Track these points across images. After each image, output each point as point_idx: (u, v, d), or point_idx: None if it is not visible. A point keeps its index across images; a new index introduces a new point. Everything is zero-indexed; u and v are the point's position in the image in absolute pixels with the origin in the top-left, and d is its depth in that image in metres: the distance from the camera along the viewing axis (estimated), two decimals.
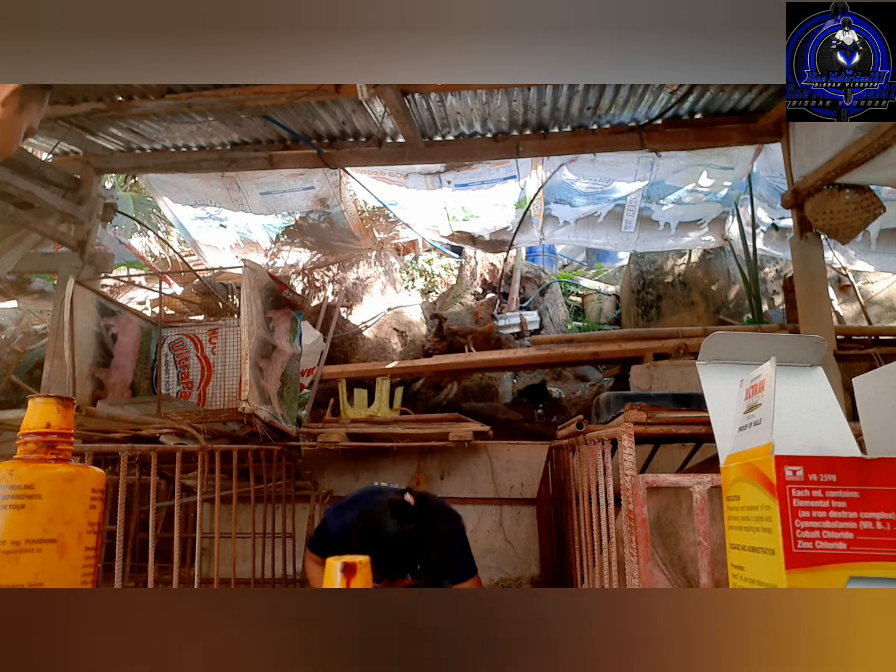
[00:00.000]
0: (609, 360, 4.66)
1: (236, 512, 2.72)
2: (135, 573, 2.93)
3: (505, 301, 6.27)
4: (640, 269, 6.06)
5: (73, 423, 1.07)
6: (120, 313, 3.22)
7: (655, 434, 1.64)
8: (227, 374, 3.48)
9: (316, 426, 3.37)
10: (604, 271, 8.09)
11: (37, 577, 0.94)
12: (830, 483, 0.65)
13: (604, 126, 3.98)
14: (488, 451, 3.63)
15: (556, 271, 7.81)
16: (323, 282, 5.91)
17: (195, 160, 4.23)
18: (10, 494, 0.94)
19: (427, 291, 7.11)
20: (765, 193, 4.50)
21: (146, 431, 2.56)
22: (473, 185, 4.55)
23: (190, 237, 5.28)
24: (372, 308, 5.86)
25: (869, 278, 5.80)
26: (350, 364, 5.17)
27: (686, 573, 1.57)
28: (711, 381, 0.92)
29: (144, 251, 7.07)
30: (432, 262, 7.48)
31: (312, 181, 4.61)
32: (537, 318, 6.09)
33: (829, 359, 3.26)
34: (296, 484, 3.42)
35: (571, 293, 7.37)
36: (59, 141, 3.95)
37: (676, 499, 1.66)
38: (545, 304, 6.46)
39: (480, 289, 6.60)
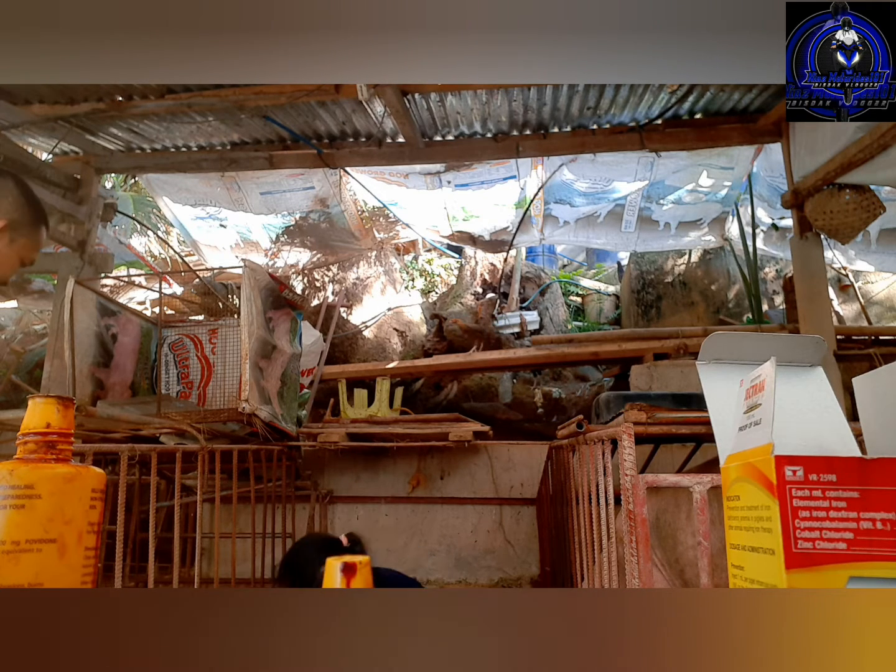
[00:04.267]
0: (609, 360, 4.66)
1: (236, 512, 2.72)
2: (135, 573, 2.93)
3: (505, 301, 6.27)
4: (640, 269, 6.06)
5: (73, 423, 1.07)
6: (120, 313, 3.22)
7: (655, 434, 1.64)
8: (227, 374, 3.48)
9: (316, 426, 3.37)
10: (604, 271, 8.09)
11: (37, 577, 0.94)
12: (830, 483, 0.65)
13: (604, 126, 3.98)
14: (488, 451, 3.63)
15: (556, 271, 7.81)
16: (323, 282, 5.91)
17: (195, 160, 4.23)
18: (10, 494, 0.94)
19: (427, 291, 7.11)
20: (765, 193, 4.50)
21: (146, 431, 2.56)
22: (473, 185, 4.55)
23: (190, 237, 5.28)
24: (372, 308, 5.86)
25: (869, 278, 5.80)
26: (350, 364, 5.17)
27: (684, 576, 1.57)
28: (711, 381, 0.92)
29: (144, 251, 7.07)
30: (432, 262, 7.48)
31: (312, 181, 4.61)
32: (537, 318, 6.08)
33: (829, 359, 3.26)
34: (296, 484, 3.42)
35: (571, 293, 7.36)
36: (59, 141, 3.95)
37: (675, 501, 1.66)
38: (545, 304, 6.45)
39: (480, 289, 6.60)
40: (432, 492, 3.59)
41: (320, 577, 1.82)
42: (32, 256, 1.70)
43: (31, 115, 3.63)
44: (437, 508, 3.57)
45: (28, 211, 1.64)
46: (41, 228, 1.70)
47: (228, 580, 2.71)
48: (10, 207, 1.59)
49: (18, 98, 3.56)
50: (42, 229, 1.71)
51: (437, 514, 3.57)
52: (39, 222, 1.69)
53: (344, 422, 3.46)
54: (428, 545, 3.53)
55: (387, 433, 3.31)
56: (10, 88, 3.43)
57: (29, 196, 1.66)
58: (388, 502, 3.60)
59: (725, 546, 0.79)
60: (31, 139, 4.02)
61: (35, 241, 1.68)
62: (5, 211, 1.58)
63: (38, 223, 1.69)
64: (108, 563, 1.90)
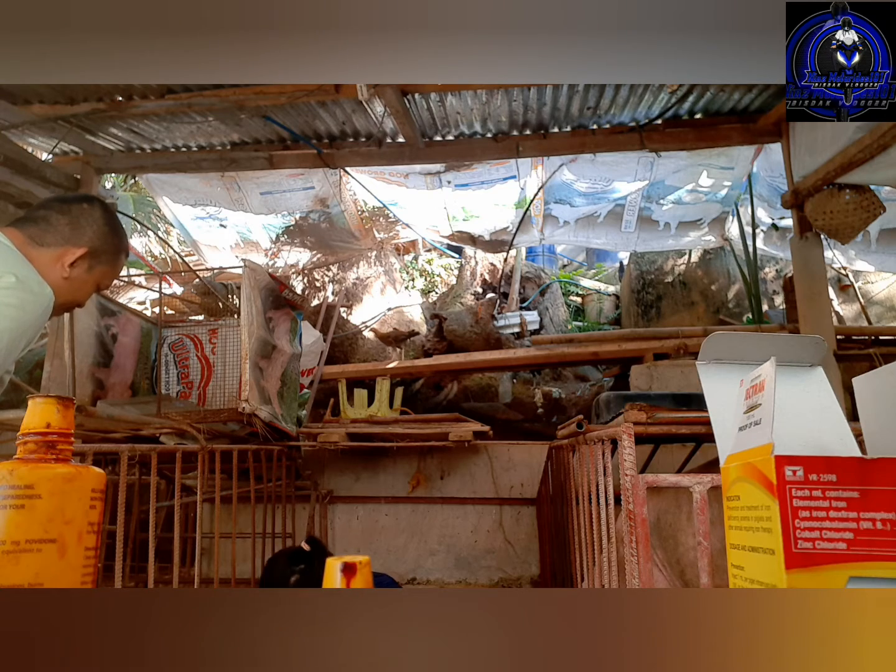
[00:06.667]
0: (609, 360, 4.66)
1: (236, 512, 2.72)
2: (135, 573, 2.92)
3: (505, 301, 6.27)
4: (640, 269, 6.06)
5: (73, 423, 1.07)
6: (120, 313, 3.22)
7: (655, 434, 1.64)
8: (227, 374, 3.48)
9: (316, 426, 3.37)
10: (604, 271, 8.09)
11: (37, 577, 0.94)
12: (830, 483, 0.65)
13: (604, 126, 3.98)
14: (488, 451, 3.63)
15: (556, 271, 7.81)
16: (323, 282, 5.91)
17: (195, 160, 4.23)
18: (10, 494, 0.94)
19: (427, 291, 7.11)
20: (765, 193, 4.50)
21: (146, 431, 2.56)
22: (473, 185, 4.55)
23: (190, 237, 5.27)
24: (372, 308, 5.86)
25: (869, 278, 5.80)
26: (350, 364, 5.17)
27: (684, 577, 1.57)
28: (711, 381, 0.92)
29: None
30: (432, 262, 7.48)
31: (312, 181, 4.61)
32: (537, 318, 6.09)
33: (829, 359, 3.26)
34: (296, 484, 3.42)
35: (571, 293, 7.37)
36: (59, 141, 3.94)
37: (676, 502, 1.66)
38: (545, 304, 6.45)
39: (480, 289, 6.60)
40: (432, 492, 3.59)
41: (294, 584, 1.97)
42: (108, 283, 1.71)
43: (31, 115, 3.63)
44: (437, 508, 3.57)
45: (111, 240, 1.64)
46: (121, 256, 1.70)
47: (228, 580, 2.71)
48: (94, 236, 1.59)
49: (18, 98, 3.55)
50: (122, 257, 1.71)
51: (437, 514, 3.57)
52: (120, 251, 1.69)
53: (344, 422, 3.46)
54: (428, 545, 3.53)
55: (387, 433, 3.31)
56: (10, 88, 3.43)
57: (113, 225, 1.66)
58: (388, 502, 3.60)
59: (725, 546, 0.79)
60: (31, 139, 4.02)
61: (114, 268, 1.68)
62: (88, 239, 1.58)
63: (119, 252, 1.68)
64: (108, 563, 1.90)
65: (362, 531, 3.58)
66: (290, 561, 2.11)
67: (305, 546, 2.17)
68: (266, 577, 2.20)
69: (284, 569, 2.08)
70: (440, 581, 3.47)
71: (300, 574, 2.05)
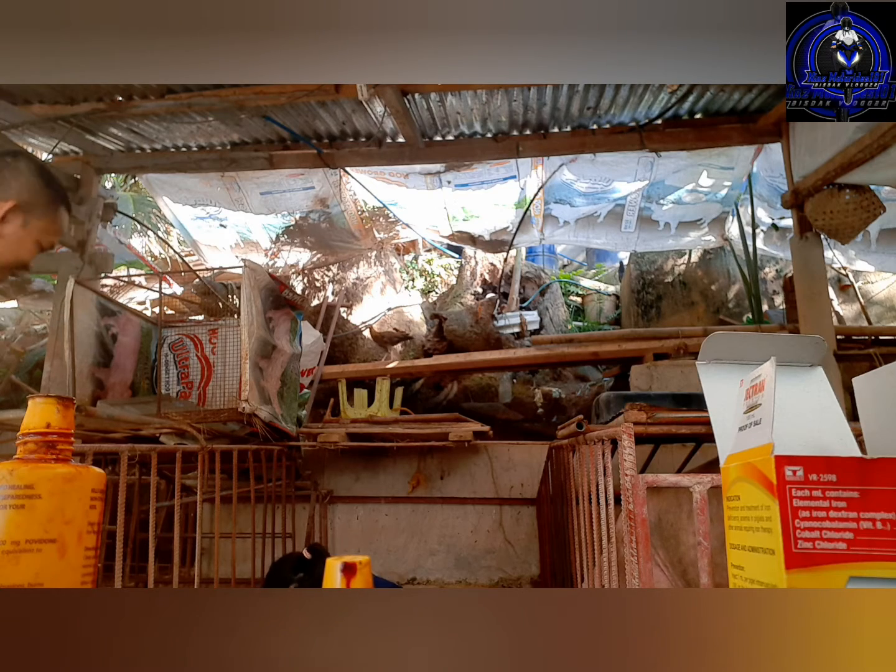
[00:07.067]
0: (609, 360, 4.66)
1: (236, 512, 2.72)
2: (135, 573, 2.92)
3: (505, 301, 6.27)
4: (640, 269, 6.06)
5: (73, 423, 1.07)
6: (120, 313, 3.22)
7: (655, 434, 1.64)
8: (227, 374, 3.48)
9: (316, 426, 3.37)
10: (604, 271, 8.09)
11: (37, 577, 0.94)
12: (830, 483, 0.65)
13: (604, 126, 3.98)
14: (488, 451, 3.63)
15: (556, 271, 7.81)
16: (323, 282, 5.91)
17: (195, 160, 4.23)
18: (10, 494, 0.94)
19: (427, 291, 7.10)
20: (765, 193, 4.50)
21: (146, 431, 2.55)
22: (473, 185, 4.55)
23: (190, 237, 5.28)
24: (372, 308, 5.86)
25: (869, 278, 5.80)
26: (350, 364, 5.17)
27: (686, 576, 1.57)
28: (711, 381, 0.92)
29: (144, 251, 7.07)
30: (432, 262, 7.47)
31: (312, 181, 4.61)
32: (537, 318, 6.08)
33: (829, 359, 3.26)
34: (296, 484, 3.42)
35: (571, 293, 7.37)
36: (59, 141, 3.94)
37: (677, 502, 1.66)
38: (545, 304, 6.45)
39: (480, 289, 6.60)
40: (432, 492, 3.59)
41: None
42: (52, 240, 1.62)
43: (31, 115, 3.63)
44: (437, 508, 3.57)
45: (44, 192, 1.56)
46: (60, 210, 1.61)
47: (228, 580, 2.71)
48: (22, 188, 1.52)
49: (18, 98, 3.55)
50: (61, 210, 1.62)
51: (437, 514, 3.57)
52: (57, 203, 1.60)
53: (344, 422, 3.46)
54: (428, 545, 3.53)
55: (387, 433, 3.31)
56: (10, 88, 3.43)
57: (45, 176, 1.58)
58: (388, 502, 3.60)
59: (725, 546, 0.79)
60: (31, 139, 4.02)
61: (53, 223, 1.60)
62: (16, 192, 1.51)
63: (56, 204, 1.60)
64: (108, 563, 1.90)
65: (362, 531, 3.58)
66: (293, 569, 2.15)
67: (307, 554, 2.19)
68: (270, 583, 2.23)
69: (287, 575, 2.11)
70: (440, 581, 3.47)
71: (299, 584, 2.08)
